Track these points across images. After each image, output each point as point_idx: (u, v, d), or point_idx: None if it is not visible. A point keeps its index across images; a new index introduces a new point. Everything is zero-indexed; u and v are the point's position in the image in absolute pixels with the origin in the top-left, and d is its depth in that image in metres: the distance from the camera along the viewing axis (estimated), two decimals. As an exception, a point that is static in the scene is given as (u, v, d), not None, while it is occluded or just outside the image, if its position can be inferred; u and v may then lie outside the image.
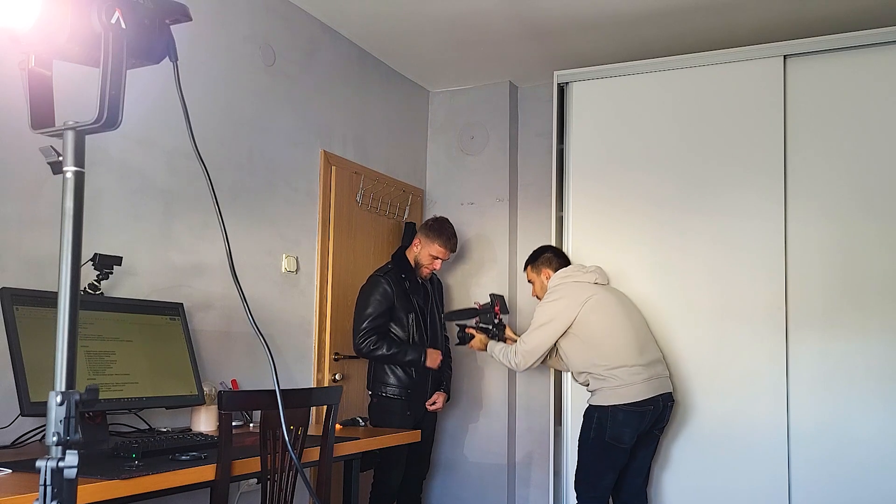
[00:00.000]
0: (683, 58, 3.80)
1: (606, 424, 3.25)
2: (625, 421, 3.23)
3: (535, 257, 3.68)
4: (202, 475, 2.11)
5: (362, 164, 4.28)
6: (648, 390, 3.27)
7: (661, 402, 3.32)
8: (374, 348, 3.63)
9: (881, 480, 3.27)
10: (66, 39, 1.11)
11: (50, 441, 1.02)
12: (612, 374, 3.26)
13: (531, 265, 3.68)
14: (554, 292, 3.45)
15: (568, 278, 3.48)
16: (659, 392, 3.31)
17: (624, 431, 3.24)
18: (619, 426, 3.23)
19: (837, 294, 3.42)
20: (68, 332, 1.07)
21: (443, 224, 3.92)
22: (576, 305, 3.35)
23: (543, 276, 3.61)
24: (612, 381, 3.25)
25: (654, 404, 3.28)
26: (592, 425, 3.31)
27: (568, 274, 3.50)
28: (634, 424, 3.24)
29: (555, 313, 3.37)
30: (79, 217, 1.10)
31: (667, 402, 3.36)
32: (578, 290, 3.40)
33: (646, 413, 3.26)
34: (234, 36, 3.40)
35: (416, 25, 4.03)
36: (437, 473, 4.71)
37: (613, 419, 3.24)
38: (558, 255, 3.68)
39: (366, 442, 2.88)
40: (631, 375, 3.25)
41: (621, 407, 3.23)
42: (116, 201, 2.82)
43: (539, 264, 3.64)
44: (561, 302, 3.38)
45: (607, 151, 3.89)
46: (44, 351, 2.25)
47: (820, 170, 3.50)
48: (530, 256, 3.71)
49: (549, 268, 3.60)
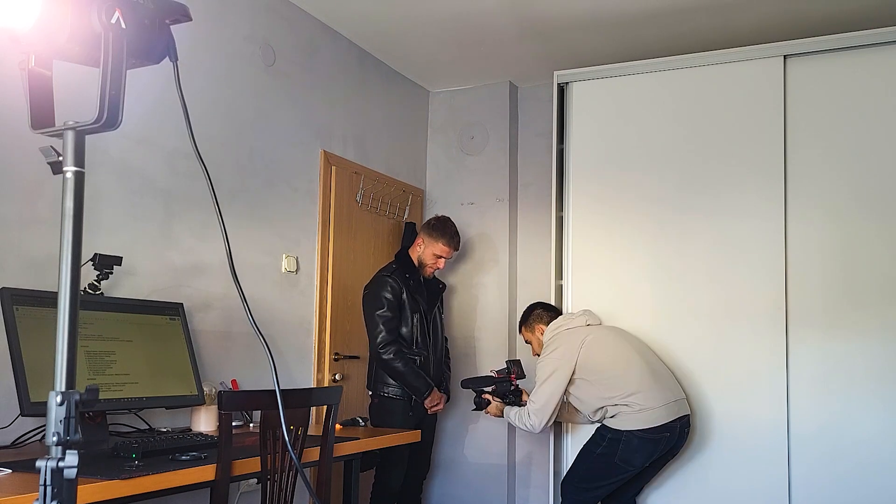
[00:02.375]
0: (683, 58, 3.80)
1: (619, 448, 3.22)
2: (639, 447, 3.20)
3: (525, 317, 3.71)
4: (202, 475, 2.11)
5: (362, 164, 4.28)
6: (667, 414, 3.22)
7: (679, 429, 3.27)
8: (393, 359, 3.63)
9: (881, 480, 3.27)
10: (66, 39, 1.11)
11: (50, 441, 1.02)
12: (630, 401, 3.22)
13: (524, 326, 3.70)
14: (550, 345, 3.44)
15: (560, 328, 3.49)
16: (676, 416, 3.26)
17: (636, 456, 3.21)
18: (631, 451, 3.20)
19: (837, 294, 3.42)
20: (68, 332, 1.07)
21: (445, 223, 3.92)
22: (574, 350, 3.33)
23: (538, 332, 3.62)
24: (632, 406, 3.21)
25: (671, 431, 3.23)
26: (603, 443, 3.27)
27: (559, 324, 3.51)
28: (648, 451, 3.21)
29: (556, 364, 3.34)
30: (79, 217, 1.10)
31: (684, 427, 3.32)
32: (572, 335, 3.41)
33: (660, 441, 3.22)
34: (234, 36, 3.40)
35: (416, 25, 4.03)
36: (437, 473, 4.71)
37: (627, 445, 3.20)
38: (548, 308, 3.70)
39: (366, 442, 2.87)
40: (647, 400, 3.21)
41: (636, 433, 3.19)
42: (116, 201, 2.82)
43: (531, 322, 3.66)
44: (559, 351, 3.37)
45: (607, 151, 3.89)
46: (44, 351, 2.24)
47: (820, 170, 3.50)
48: (521, 318, 3.74)
49: (542, 323, 3.61)
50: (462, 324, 4.76)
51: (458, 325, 4.76)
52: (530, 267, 4.76)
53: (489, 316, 4.72)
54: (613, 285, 3.80)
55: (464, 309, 4.78)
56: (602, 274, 3.83)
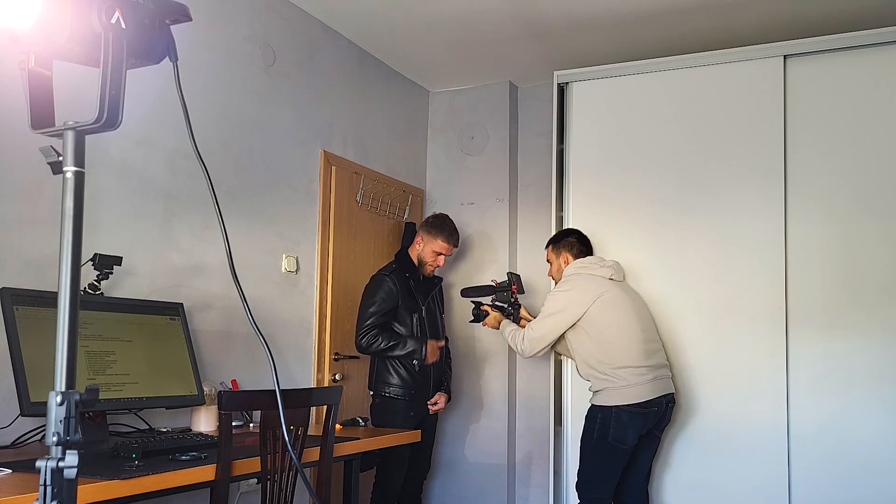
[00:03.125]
0: (683, 58, 3.80)
1: (610, 425, 3.24)
2: (629, 422, 3.22)
3: (557, 239, 3.62)
4: (202, 475, 2.11)
5: (362, 164, 4.28)
6: (652, 391, 3.26)
7: (664, 403, 3.31)
8: (374, 342, 3.62)
9: (881, 480, 3.27)
10: (66, 39, 1.11)
11: (50, 441, 1.02)
12: (617, 374, 3.25)
13: (553, 245, 3.62)
14: (567, 282, 3.41)
15: (584, 269, 3.44)
16: (662, 393, 3.30)
17: (627, 433, 3.23)
18: (622, 427, 3.22)
19: (837, 294, 3.42)
20: (68, 332, 1.07)
21: (444, 220, 3.93)
22: (587, 300, 3.31)
23: (562, 259, 3.56)
24: (617, 381, 3.24)
25: (658, 405, 3.27)
26: (596, 426, 3.29)
27: (585, 265, 3.45)
28: (638, 426, 3.24)
29: (566, 303, 3.34)
30: (79, 217, 1.10)
31: (669, 402, 3.35)
32: (592, 283, 3.36)
33: (649, 414, 3.25)
34: (234, 36, 3.40)
35: (416, 25, 4.03)
36: (437, 473, 4.71)
37: (617, 420, 3.23)
38: (582, 240, 3.60)
39: (366, 442, 2.88)
40: (635, 376, 3.24)
41: (624, 408, 3.22)
42: (116, 201, 2.82)
43: (560, 247, 3.58)
44: (573, 293, 3.35)
45: (607, 151, 3.89)
46: (44, 351, 2.24)
47: (820, 170, 3.50)
48: (554, 237, 3.66)
49: (570, 253, 3.54)
50: (462, 324, 4.76)
51: (458, 325, 4.76)
52: (530, 267, 4.75)
53: (489, 316, 4.71)
54: (613, 285, 3.80)
55: (464, 309, 4.77)
56: (602, 274, 3.82)
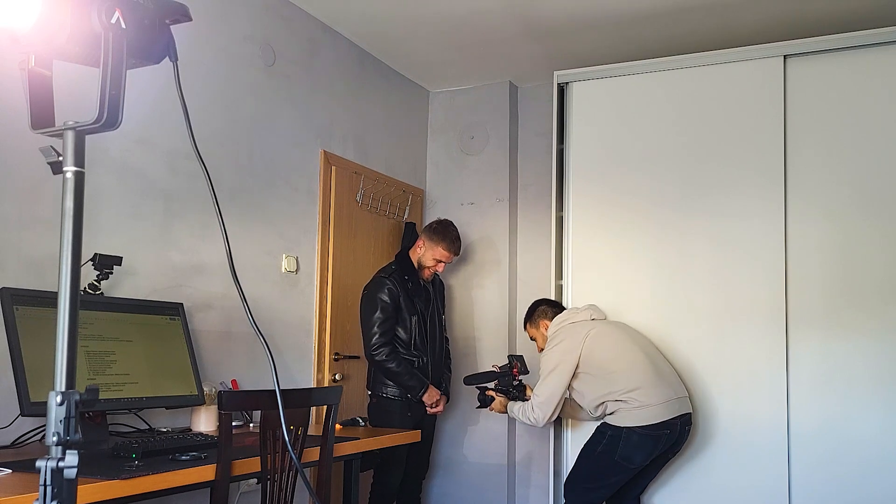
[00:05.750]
0: (683, 58, 3.80)
1: (619, 445, 3.21)
2: (639, 444, 3.19)
3: (530, 314, 3.69)
4: (202, 475, 2.11)
5: (362, 164, 4.28)
6: (666, 412, 3.21)
7: (679, 426, 3.26)
8: (386, 360, 3.62)
9: (881, 480, 3.27)
10: (66, 39, 1.11)
11: (50, 441, 1.02)
12: (630, 397, 3.21)
13: (529, 322, 3.69)
14: (554, 338, 3.44)
15: (564, 322, 3.49)
16: (677, 413, 3.24)
17: (636, 454, 3.20)
18: (631, 448, 3.19)
19: (837, 294, 3.42)
20: (68, 332, 1.07)
21: (447, 227, 3.91)
22: (577, 344, 3.33)
23: (542, 328, 3.61)
24: (631, 402, 3.21)
25: (671, 428, 3.22)
26: (603, 441, 3.26)
27: (563, 318, 3.51)
28: (648, 449, 3.20)
29: (560, 357, 3.34)
30: (79, 217, 1.10)
31: (685, 425, 3.31)
32: (576, 329, 3.40)
33: (661, 437, 3.21)
34: (234, 36, 3.40)
35: (416, 25, 4.03)
36: (437, 473, 4.71)
37: (627, 441, 3.20)
38: (552, 304, 3.69)
39: (366, 442, 2.87)
40: (648, 397, 3.20)
41: (636, 430, 3.18)
42: (116, 201, 2.82)
43: (535, 319, 3.65)
44: (563, 345, 3.36)
45: (607, 151, 3.89)
46: (44, 351, 2.25)
47: (820, 170, 3.50)
48: (526, 314, 3.72)
49: (546, 319, 3.60)
50: (462, 324, 4.76)
51: (458, 325, 4.76)
52: (530, 267, 4.76)
53: (489, 316, 4.72)
54: (613, 285, 3.80)
55: (464, 309, 4.78)
56: (602, 274, 3.83)
